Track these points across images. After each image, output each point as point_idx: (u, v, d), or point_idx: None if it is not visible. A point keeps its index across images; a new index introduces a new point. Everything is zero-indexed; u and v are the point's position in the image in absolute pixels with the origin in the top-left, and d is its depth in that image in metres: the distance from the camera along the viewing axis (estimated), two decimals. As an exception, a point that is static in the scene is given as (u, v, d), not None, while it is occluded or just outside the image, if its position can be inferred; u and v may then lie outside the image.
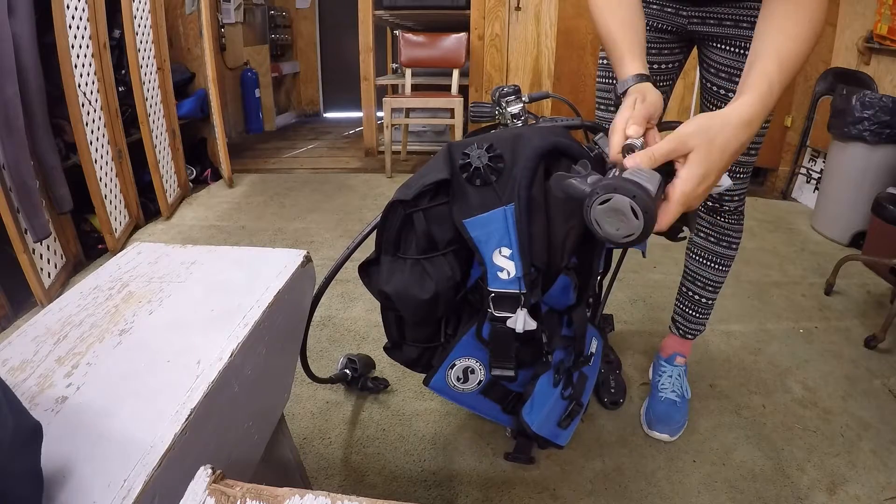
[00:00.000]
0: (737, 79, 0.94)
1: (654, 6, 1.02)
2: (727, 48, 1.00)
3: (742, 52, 0.97)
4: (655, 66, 1.09)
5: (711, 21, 0.99)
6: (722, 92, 1.02)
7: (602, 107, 1.19)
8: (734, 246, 1.20)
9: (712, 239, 1.20)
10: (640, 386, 1.41)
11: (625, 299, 1.84)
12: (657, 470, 1.15)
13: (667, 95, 1.15)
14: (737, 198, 1.14)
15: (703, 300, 1.27)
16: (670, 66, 1.11)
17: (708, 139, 0.61)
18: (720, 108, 1.01)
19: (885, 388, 1.42)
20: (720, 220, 1.18)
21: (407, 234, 0.85)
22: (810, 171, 2.89)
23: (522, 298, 0.81)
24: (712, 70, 1.03)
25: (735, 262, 1.24)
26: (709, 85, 1.06)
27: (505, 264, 0.80)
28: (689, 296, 1.28)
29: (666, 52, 1.08)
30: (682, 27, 1.03)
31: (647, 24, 1.02)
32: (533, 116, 1.22)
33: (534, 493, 1.09)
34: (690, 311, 1.29)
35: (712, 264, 1.22)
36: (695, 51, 1.11)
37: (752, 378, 1.46)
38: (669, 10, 1.01)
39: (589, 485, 1.11)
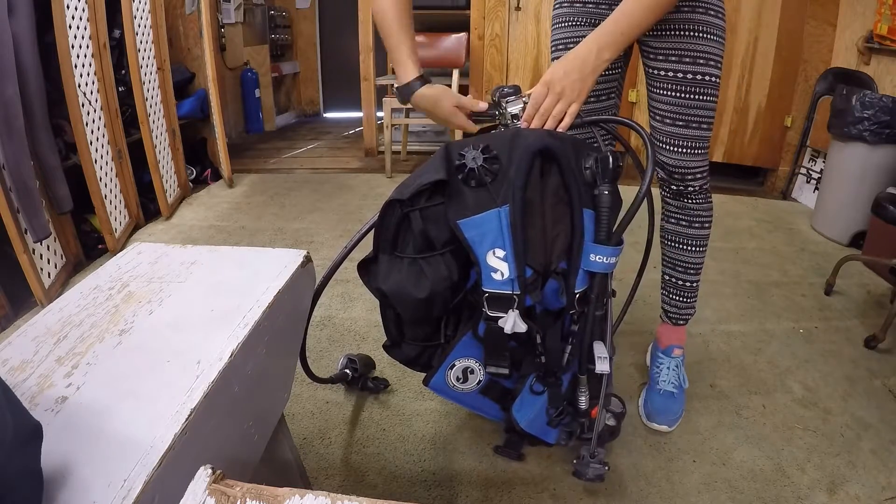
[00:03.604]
0: (674, 58, 1.05)
1: (603, 7, 1.09)
2: (668, 33, 1.06)
3: (685, 34, 1.05)
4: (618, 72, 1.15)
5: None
6: (671, 74, 1.08)
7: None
8: (707, 225, 1.23)
9: (684, 222, 1.23)
10: (640, 386, 1.41)
11: (624, 299, 1.84)
12: (657, 470, 1.15)
13: (619, 95, 1.22)
14: (699, 176, 1.17)
15: (688, 283, 1.29)
16: (620, 69, 1.18)
17: (556, 66, 0.91)
18: (667, 89, 1.09)
19: (885, 388, 1.42)
20: (688, 202, 1.21)
21: (404, 233, 0.85)
22: (810, 171, 2.89)
23: (515, 300, 0.81)
24: (660, 58, 1.09)
25: (735, 261, 1.24)
26: (653, 71, 1.11)
27: (498, 265, 0.80)
28: (674, 282, 1.30)
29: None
30: None
31: None
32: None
33: (534, 493, 1.09)
34: (677, 298, 1.31)
35: (689, 247, 1.24)
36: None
37: (752, 378, 1.46)
38: None
39: (589, 484, 1.11)
